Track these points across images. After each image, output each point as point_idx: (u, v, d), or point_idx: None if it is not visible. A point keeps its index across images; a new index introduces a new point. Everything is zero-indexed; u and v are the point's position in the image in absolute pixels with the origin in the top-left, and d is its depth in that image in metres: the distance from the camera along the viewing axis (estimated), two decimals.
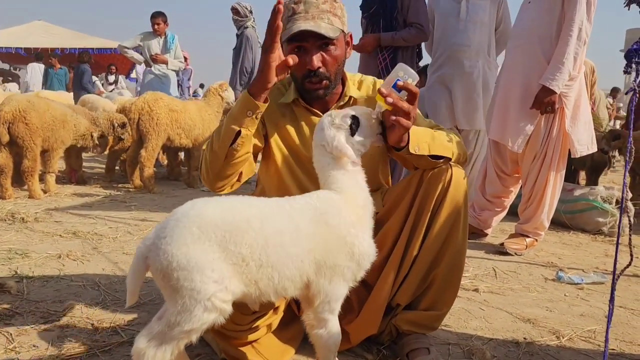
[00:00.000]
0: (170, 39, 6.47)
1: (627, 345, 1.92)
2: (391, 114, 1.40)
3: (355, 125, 1.41)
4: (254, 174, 1.67)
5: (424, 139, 1.55)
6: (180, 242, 1.18)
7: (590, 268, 2.92)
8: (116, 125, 4.90)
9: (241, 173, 1.60)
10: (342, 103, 1.71)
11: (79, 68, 9.59)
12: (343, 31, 1.63)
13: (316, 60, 1.57)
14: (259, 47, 6.06)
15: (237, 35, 6.04)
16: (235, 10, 5.97)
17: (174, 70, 6.65)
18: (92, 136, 4.89)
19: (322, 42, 1.57)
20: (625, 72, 1.51)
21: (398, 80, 1.41)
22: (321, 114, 1.68)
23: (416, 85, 1.43)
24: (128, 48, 6.50)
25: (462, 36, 3.78)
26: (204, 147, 1.64)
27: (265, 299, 1.30)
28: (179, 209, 1.26)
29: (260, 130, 1.66)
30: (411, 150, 1.52)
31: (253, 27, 6.05)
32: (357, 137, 1.41)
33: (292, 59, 1.42)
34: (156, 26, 6.34)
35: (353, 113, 1.42)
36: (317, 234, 1.30)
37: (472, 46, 3.79)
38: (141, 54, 6.50)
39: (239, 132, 1.46)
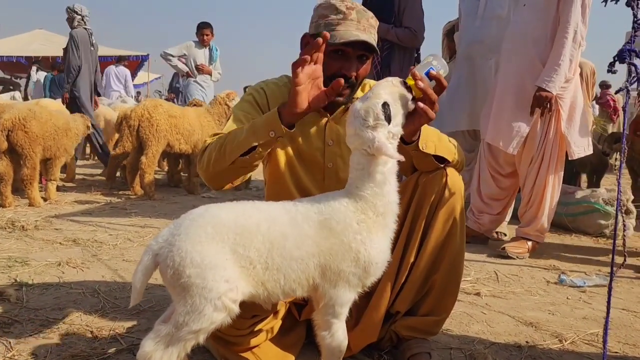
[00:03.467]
0: (215, 50, 6.55)
1: (631, 348, 1.90)
2: (419, 100, 1.36)
3: (389, 111, 1.30)
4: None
5: (431, 138, 1.54)
6: (195, 240, 1.20)
7: (592, 271, 2.91)
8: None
9: None
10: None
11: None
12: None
13: (354, 69, 1.58)
14: (90, 46, 6.13)
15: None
16: (68, 11, 6.05)
17: (214, 81, 6.72)
18: (87, 127, 5.00)
19: (363, 53, 1.58)
20: (609, 71, 1.49)
21: (432, 68, 1.36)
22: (328, 114, 1.68)
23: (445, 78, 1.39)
24: (173, 56, 6.49)
25: (476, 33, 3.75)
26: (208, 140, 1.55)
27: (275, 299, 1.32)
28: (194, 211, 1.29)
29: None
30: (420, 146, 1.50)
31: (85, 27, 6.07)
32: (394, 121, 1.31)
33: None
34: (205, 37, 6.39)
35: (381, 101, 1.29)
36: (321, 239, 1.29)
37: (486, 42, 3.73)
38: (185, 63, 6.52)
39: (256, 146, 1.43)
